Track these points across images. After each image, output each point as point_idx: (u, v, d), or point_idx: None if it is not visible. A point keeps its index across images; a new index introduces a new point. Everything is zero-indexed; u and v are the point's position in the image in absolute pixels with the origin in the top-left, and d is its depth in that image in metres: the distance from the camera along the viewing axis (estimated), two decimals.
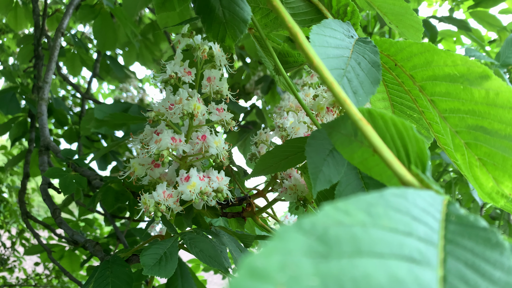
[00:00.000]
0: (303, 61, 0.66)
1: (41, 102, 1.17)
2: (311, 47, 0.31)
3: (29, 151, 2.06)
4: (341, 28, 0.46)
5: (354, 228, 0.19)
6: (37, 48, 1.99)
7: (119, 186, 0.90)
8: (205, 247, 0.70)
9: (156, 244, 0.66)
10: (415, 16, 0.75)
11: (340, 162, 0.51)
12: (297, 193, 0.71)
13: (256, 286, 0.15)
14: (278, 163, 0.62)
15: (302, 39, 0.31)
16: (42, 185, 1.04)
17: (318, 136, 0.52)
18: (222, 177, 0.68)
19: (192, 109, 0.64)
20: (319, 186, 0.46)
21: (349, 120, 0.40)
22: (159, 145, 0.63)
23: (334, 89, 0.30)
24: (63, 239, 2.17)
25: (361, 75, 0.43)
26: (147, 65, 3.19)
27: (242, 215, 0.83)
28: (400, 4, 0.73)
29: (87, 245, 0.85)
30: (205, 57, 0.65)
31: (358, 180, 0.51)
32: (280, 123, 0.89)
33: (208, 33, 0.48)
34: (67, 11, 1.39)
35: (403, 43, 0.45)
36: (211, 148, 0.65)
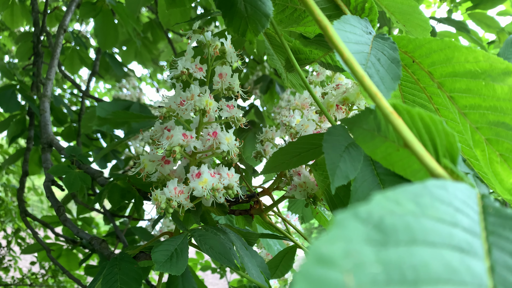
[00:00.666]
0: (314, 58, 0.65)
1: (44, 99, 1.16)
2: (341, 41, 0.31)
3: (28, 149, 2.04)
4: (359, 24, 0.46)
5: (407, 217, 0.19)
6: (36, 46, 1.98)
7: (125, 184, 0.90)
8: (215, 244, 0.69)
9: (166, 241, 0.65)
10: (423, 15, 0.75)
11: (356, 158, 0.51)
12: (307, 191, 0.71)
13: (324, 272, 0.15)
14: (290, 160, 0.62)
15: (332, 32, 0.31)
16: (46, 182, 1.04)
17: (334, 132, 0.52)
18: (232, 174, 0.68)
19: (204, 105, 0.63)
20: (337, 182, 0.46)
21: (371, 115, 0.40)
22: (171, 141, 0.63)
23: (365, 83, 0.30)
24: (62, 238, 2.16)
25: (381, 71, 0.43)
26: (145, 64, 3.18)
27: (249, 213, 0.83)
28: (408, 3, 0.73)
29: (93, 243, 0.85)
30: (217, 53, 0.65)
31: (374, 176, 0.51)
32: (287, 121, 0.89)
33: (228, 27, 0.47)
34: (69, 7, 1.38)
35: (422, 39, 0.45)
36: (222, 144, 0.65)
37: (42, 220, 2.04)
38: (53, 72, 1.21)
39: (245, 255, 0.78)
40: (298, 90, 0.83)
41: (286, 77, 0.83)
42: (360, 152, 0.52)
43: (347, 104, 0.73)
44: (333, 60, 0.65)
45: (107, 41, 1.65)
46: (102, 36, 1.64)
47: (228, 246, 0.73)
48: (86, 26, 4.64)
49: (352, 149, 0.52)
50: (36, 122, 2.13)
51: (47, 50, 2.31)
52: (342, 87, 0.77)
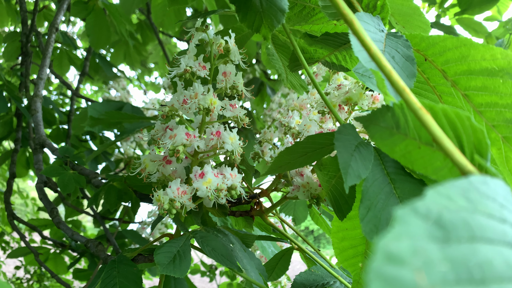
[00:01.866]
0: (319, 57, 0.65)
1: (36, 99, 1.14)
2: (367, 35, 0.30)
3: (16, 151, 2.00)
4: (372, 22, 0.46)
5: (462, 213, 0.19)
6: (25, 45, 1.94)
7: (122, 185, 0.88)
8: (217, 246, 0.68)
9: (168, 243, 0.64)
10: (423, 17, 0.75)
11: (367, 157, 0.50)
12: (311, 191, 0.70)
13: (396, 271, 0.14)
14: (296, 159, 0.61)
15: (358, 26, 0.30)
16: (38, 183, 1.01)
17: (343, 131, 0.52)
18: (235, 174, 0.67)
19: (208, 104, 0.62)
20: (350, 181, 0.46)
21: (388, 112, 0.40)
22: (174, 141, 0.61)
23: (393, 77, 0.30)
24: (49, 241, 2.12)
25: (396, 68, 0.42)
26: (134, 65, 3.15)
27: (250, 214, 0.82)
28: (409, 5, 0.73)
29: (88, 245, 0.83)
30: (221, 51, 0.64)
31: (384, 176, 0.51)
32: (286, 122, 0.88)
33: (242, 23, 0.46)
34: (61, 6, 1.35)
35: (436, 37, 0.44)
36: (226, 144, 0.63)
37: (30, 223, 2.00)
38: (45, 71, 1.18)
39: (244, 257, 0.77)
40: (298, 91, 0.83)
41: (286, 78, 0.83)
42: (370, 151, 0.51)
43: (350, 104, 0.72)
44: (338, 59, 0.64)
45: (99, 41, 1.62)
46: (94, 35, 1.62)
47: (230, 247, 0.72)
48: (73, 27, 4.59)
49: (362, 148, 0.51)
50: (24, 123, 2.09)
51: (34, 50, 2.27)
52: (344, 87, 0.77)
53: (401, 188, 0.49)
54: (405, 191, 0.49)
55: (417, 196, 0.49)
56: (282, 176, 0.90)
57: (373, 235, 0.45)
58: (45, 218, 2.26)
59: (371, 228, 0.46)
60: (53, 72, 1.78)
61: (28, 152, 2.36)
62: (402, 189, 0.49)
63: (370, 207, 0.47)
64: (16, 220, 1.90)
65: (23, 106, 1.87)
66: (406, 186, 0.49)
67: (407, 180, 0.50)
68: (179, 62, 0.65)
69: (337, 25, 0.60)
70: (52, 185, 1.04)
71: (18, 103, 1.82)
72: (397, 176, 0.51)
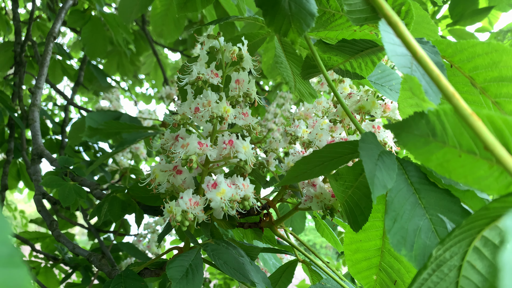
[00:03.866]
0: (332, 65, 0.64)
1: (33, 108, 1.11)
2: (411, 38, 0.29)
3: (7, 162, 1.96)
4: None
5: None
6: (19, 55, 1.91)
7: (125, 196, 0.85)
8: (228, 259, 0.66)
9: (180, 256, 0.61)
10: (432, 24, 0.75)
11: (390, 167, 0.49)
12: (324, 202, 0.68)
13: None
14: (312, 169, 0.59)
15: (402, 29, 0.29)
16: (36, 195, 0.98)
17: (366, 139, 0.50)
18: (248, 184, 0.65)
19: (222, 112, 0.60)
20: (377, 192, 0.44)
21: (422, 119, 0.38)
22: (187, 150, 0.59)
23: (442, 82, 0.28)
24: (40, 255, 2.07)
25: (426, 75, 0.41)
26: (128, 76, 3.13)
27: (259, 226, 0.80)
28: (418, 13, 0.73)
29: (91, 259, 0.80)
30: (234, 59, 0.63)
31: (408, 185, 0.49)
32: (292, 131, 0.87)
33: (270, 27, 0.45)
34: (58, 15, 1.33)
35: (464, 43, 0.44)
36: (239, 153, 0.62)
37: (21, 237, 1.95)
38: (43, 81, 1.15)
39: (251, 270, 0.74)
40: (307, 99, 0.82)
41: (295, 86, 0.81)
42: (393, 161, 0.50)
43: (363, 112, 0.71)
44: (353, 67, 0.63)
45: (96, 50, 1.60)
46: (90, 45, 1.60)
47: (241, 260, 0.69)
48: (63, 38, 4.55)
49: (385, 157, 0.50)
50: (17, 134, 2.05)
51: (28, 59, 2.24)
52: (354, 95, 0.76)
53: (427, 198, 0.48)
54: (431, 202, 0.47)
55: (444, 206, 0.47)
56: (289, 186, 0.88)
57: (401, 247, 0.44)
58: (36, 231, 2.21)
59: (398, 239, 0.44)
60: (49, 81, 1.75)
61: (20, 163, 2.31)
62: (428, 199, 0.48)
63: (396, 218, 0.46)
64: None
65: (17, 116, 1.84)
66: (431, 196, 0.48)
67: (432, 190, 0.49)
68: (191, 69, 0.63)
69: (356, 32, 0.59)
70: (50, 197, 1.01)
71: (12, 113, 1.78)
72: (421, 186, 0.50)
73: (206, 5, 0.67)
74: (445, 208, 0.46)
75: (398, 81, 0.72)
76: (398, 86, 0.71)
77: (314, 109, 0.93)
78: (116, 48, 2.58)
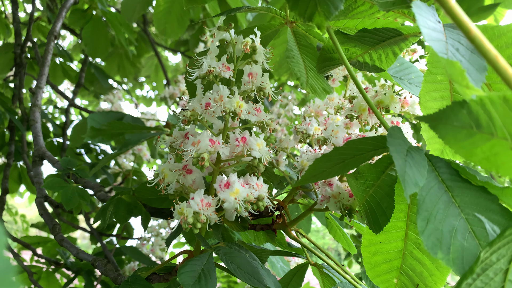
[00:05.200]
0: (350, 57, 0.60)
1: (34, 109, 1.08)
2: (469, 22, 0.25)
3: (8, 165, 1.93)
4: (429, 11, 0.41)
5: None
6: (19, 56, 1.88)
7: (131, 198, 0.82)
8: (242, 263, 0.62)
9: (191, 261, 0.58)
10: None
11: (420, 163, 0.45)
12: (342, 202, 0.65)
13: None
14: (332, 167, 0.56)
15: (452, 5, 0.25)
16: (38, 198, 0.95)
17: (394, 134, 0.47)
18: (261, 184, 0.61)
19: (235, 107, 0.57)
20: (409, 190, 0.40)
21: (462, 109, 0.35)
22: (198, 148, 0.56)
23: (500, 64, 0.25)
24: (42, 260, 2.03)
25: (463, 61, 0.38)
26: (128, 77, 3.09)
27: (272, 228, 0.76)
28: None
29: (96, 264, 0.76)
30: (247, 51, 0.59)
31: (439, 183, 0.46)
32: (303, 129, 0.83)
33: (293, 10, 0.41)
34: (59, 14, 1.30)
35: (503, 27, 0.40)
36: (253, 151, 0.58)
37: (23, 241, 1.92)
38: (44, 81, 1.12)
39: (263, 274, 0.71)
40: (319, 95, 0.78)
41: (307, 81, 0.78)
42: (422, 156, 0.47)
43: (381, 107, 0.68)
44: (372, 59, 0.60)
45: (97, 50, 1.57)
46: (91, 44, 1.57)
47: (255, 265, 0.66)
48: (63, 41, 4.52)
49: (414, 152, 0.46)
50: (17, 137, 2.02)
51: (29, 61, 2.20)
52: (370, 90, 0.72)
53: (461, 196, 0.44)
54: (466, 200, 0.44)
55: (480, 205, 0.44)
56: (300, 186, 0.85)
57: (436, 250, 0.40)
58: (38, 236, 2.18)
59: (433, 242, 0.41)
60: (49, 82, 1.72)
61: (21, 166, 2.28)
62: (462, 197, 0.44)
63: (429, 218, 0.42)
64: (9, 238, 1.81)
65: (17, 118, 1.81)
66: (466, 194, 0.44)
67: (466, 187, 0.45)
68: (201, 63, 0.60)
69: (379, 20, 0.55)
70: (52, 200, 0.97)
71: (12, 115, 1.75)
72: (454, 183, 0.46)
73: None
74: (482, 206, 0.42)
75: (417, 74, 0.69)
76: (417, 80, 0.68)
77: (326, 106, 0.90)
78: (116, 49, 2.54)
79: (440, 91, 0.57)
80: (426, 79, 0.57)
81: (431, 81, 0.56)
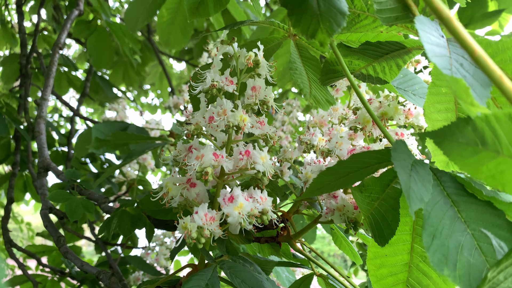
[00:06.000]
0: (354, 69, 0.60)
1: (39, 120, 1.08)
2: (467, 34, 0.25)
3: (14, 174, 1.93)
4: (432, 26, 0.41)
5: None
6: (24, 67, 1.89)
7: (135, 210, 0.82)
8: (246, 277, 0.62)
9: (195, 276, 0.58)
10: None
11: (425, 178, 0.45)
12: (347, 215, 0.64)
13: None
14: (337, 181, 0.55)
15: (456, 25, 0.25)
16: (43, 210, 0.95)
17: (398, 148, 0.46)
18: (266, 197, 0.61)
19: (238, 120, 0.57)
20: (414, 206, 0.40)
21: (467, 126, 0.34)
22: (202, 162, 0.56)
23: (504, 84, 0.25)
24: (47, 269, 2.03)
25: (468, 77, 0.37)
26: (133, 86, 3.11)
27: (277, 240, 0.76)
28: None
29: (100, 277, 0.76)
30: (250, 65, 0.59)
31: (445, 197, 0.46)
32: (308, 139, 0.83)
33: (296, 27, 0.41)
34: (64, 25, 1.31)
35: (508, 42, 0.40)
36: (257, 164, 0.58)
37: (28, 250, 1.92)
38: (49, 92, 1.13)
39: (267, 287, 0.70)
40: (323, 106, 0.78)
41: (310, 93, 0.78)
42: (427, 171, 0.46)
43: (385, 119, 0.68)
44: (376, 71, 0.59)
45: (102, 61, 1.58)
46: (96, 55, 1.57)
47: (259, 278, 0.65)
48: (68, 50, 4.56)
49: (418, 167, 0.46)
50: (23, 146, 2.03)
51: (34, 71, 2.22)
52: (374, 101, 0.72)
53: (466, 211, 0.44)
54: (471, 215, 0.44)
55: (487, 220, 0.43)
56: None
57: (443, 267, 0.40)
58: (43, 244, 2.18)
59: (439, 258, 0.40)
60: (55, 92, 1.73)
61: (26, 176, 2.29)
62: (468, 212, 0.44)
63: (434, 234, 0.42)
64: (14, 248, 1.82)
65: (22, 128, 1.82)
66: (471, 209, 0.44)
67: (471, 202, 0.45)
68: (204, 77, 0.60)
69: (382, 33, 0.55)
70: (57, 211, 0.97)
71: (18, 125, 1.76)
72: (459, 198, 0.46)
73: (219, 9, 0.64)
74: (489, 222, 0.42)
75: (421, 85, 0.68)
76: (421, 91, 0.68)
77: (330, 116, 0.90)
78: (121, 58, 2.56)
79: (444, 103, 0.57)
80: (430, 91, 0.56)
81: (435, 93, 0.56)
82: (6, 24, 2.62)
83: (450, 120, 0.59)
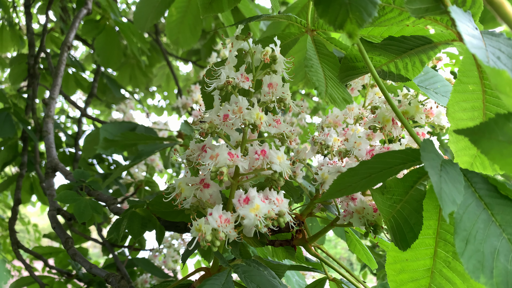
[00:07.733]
0: (375, 66, 0.58)
1: (47, 120, 1.06)
2: None
3: (21, 175, 1.92)
4: (466, 18, 0.39)
5: None
6: (32, 67, 1.88)
7: (145, 212, 0.80)
8: (262, 282, 0.59)
9: (209, 280, 0.55)
10: None
11: (456, 179, 0.42)
12: (367, 217, 0.62)
13: None
14: (358, 182, 0.53)
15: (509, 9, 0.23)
16: (51, 211, 0.93)
17: (427, 148, 0.44)
18: (282, 198, 0.59)
19: (254, 119, 0.55)
20: (447, 208, 0.38)
21: (509, 123, 0.32)
22: (216, 161, 0.53)
23: None
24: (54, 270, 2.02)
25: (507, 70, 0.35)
26: (140, 87, 3.09)
27: (292, 244, 0.73)
28: None
29: (110, 280, 0.74)
30: (267, 60, 0.57)
31: (477, 200, 0.43)
32: (322, 139, 0.80)
33: (323, 17, 0.39)
34: (73, 24, 1.30)
35: None
36: (274, 164, 0.56)
37: (35, 252, 1.91)
38: (57, 91, 1.11)
39: None
40: (339, 105, 0.75)
41: (326, 91, 0.75)
42: (458, 172, 0.44)
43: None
44: (398, 68, 0.57)
45: (110, 60, 1.56)
46: (104, 54, 1.56)
47: (275, 283, 0.63)
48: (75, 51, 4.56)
49: (448, 167, 0.44)
50: (30, 147, 2.02)
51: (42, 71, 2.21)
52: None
53: (501, 214, 0.41)
54: (507, 219, 0.41)
55: None
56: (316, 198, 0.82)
57: (479, 274, 0.37)
58: (50, 246, 2.17)
59: (475, 265, 0.38)
60: (62, 93, 1.71)
61: (33, 177, 2.28)
62: (503, 215, 0.41)
63: (468, 238, 0.39)
64: (21, 249, 1.80)
65: (30, 128, 1.81)
66: (507, 212, 0.41)
67: (506, 204, 0.42)
68: (219, 73, 0.58)
69: (408, 27, 0.53)
70: (65, 213, 0.95)
71: (25, 126, 1.75)
72: (492, 200, 0.43)
73: (233, 5, 0.62)
74: None
75: (443, 83, 0.66)
76: (444, 89, 0.65)
77: (345, 116, 0.87)
78: (128, 59, 2.55)
79: (471, 101, 0.54)
80: (455, 89, 0.54)
81: (461, 91, 0.53)
82: (14, 26, 2.62)
83: (476, 119, 0.56)
